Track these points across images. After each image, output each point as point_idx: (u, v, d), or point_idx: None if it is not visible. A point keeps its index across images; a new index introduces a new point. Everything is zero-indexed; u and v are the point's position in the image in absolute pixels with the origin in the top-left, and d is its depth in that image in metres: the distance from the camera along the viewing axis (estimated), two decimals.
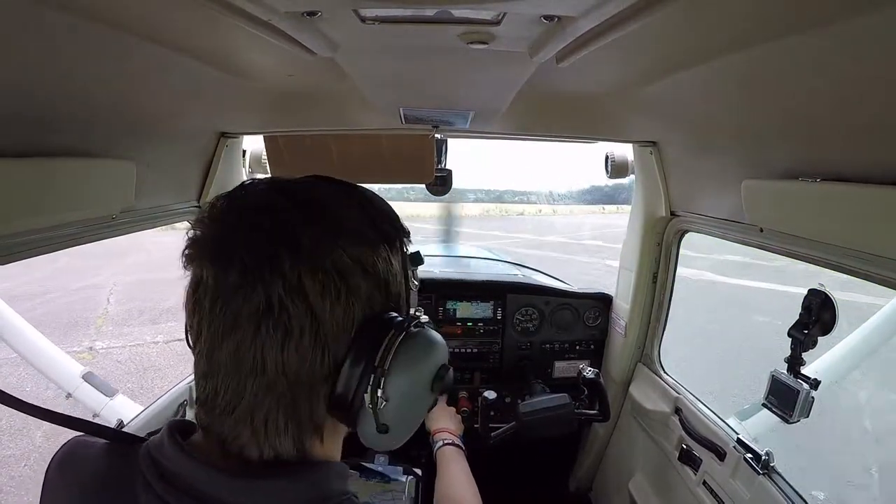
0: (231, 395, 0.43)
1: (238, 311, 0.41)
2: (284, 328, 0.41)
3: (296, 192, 0.46)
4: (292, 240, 0.42)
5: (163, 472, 0.43)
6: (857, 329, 2.25)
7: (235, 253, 0.41)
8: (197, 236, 0.45)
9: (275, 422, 0.43)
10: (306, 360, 0.42)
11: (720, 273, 8.61)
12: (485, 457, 1.37)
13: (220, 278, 0.41)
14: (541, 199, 23.68)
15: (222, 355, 0.42)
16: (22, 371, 4.06)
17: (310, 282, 0.41)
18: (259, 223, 0.42)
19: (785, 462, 1.10)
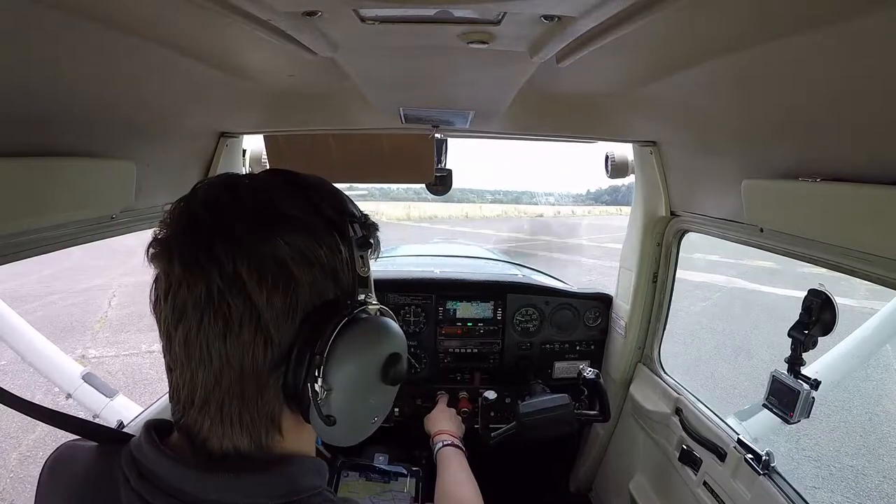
0: (188, 387, 0.44)
1: (184, 302, 0.42)
2: (225, 319, 0.42)
3: (239, 187, 0.46)
4: (228, 231, 0.42)
5: (141, 471, 0.44)
6: (857, 329, 2.25)
7: (176, 247, 0.43)
8: (154, 238, 0.46)
9: (229, 414, 0.44)
10: (248, 351, 0.43)
11: (752, 280, 8.37)
12: (485, 457, 1.37)
13: (167, 272, 0.43)
14: (560, 201, 23.64)
15: (175, 347, 0.44)
16: (30, 378, 4.04)
17: (246, 272, 0.41)
18: (200, 218, 0.44)
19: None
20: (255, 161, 1.65)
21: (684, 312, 6.79)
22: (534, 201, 23.71)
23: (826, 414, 4.24)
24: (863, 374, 4.69)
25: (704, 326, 6.41)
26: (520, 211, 22.38)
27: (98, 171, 0.89)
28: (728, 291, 7.87)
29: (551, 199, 23.95)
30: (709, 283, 8.22)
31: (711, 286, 8.09)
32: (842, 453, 3.81)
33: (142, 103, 0.93)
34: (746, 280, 8.35)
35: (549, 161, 32.38)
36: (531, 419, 1.41)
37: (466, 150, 7.80)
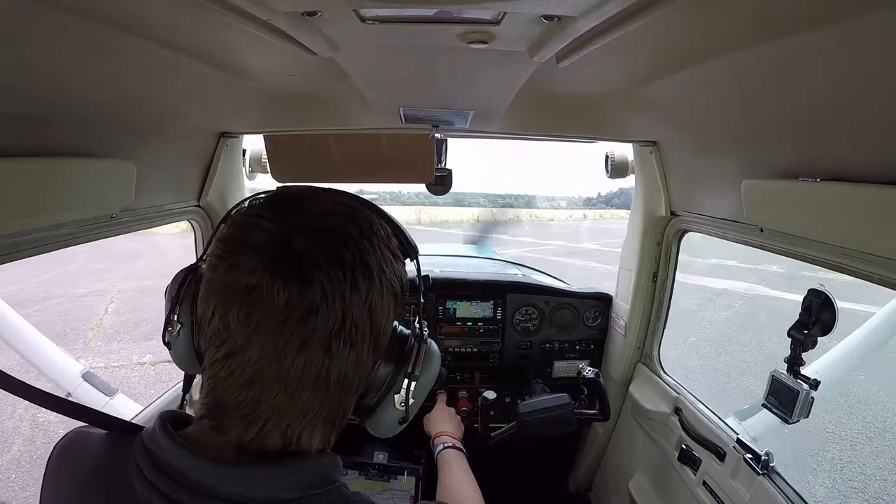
0: (280, 404, 0.45)
1: (312, 332, 0.43)
2: (352, 343, 0.45)
3: (352, 217, 0.49)
4: (366, 267, 0.46)
5: (156, 462, 0.44)
6: (857, 329, 2.25)
7: (316, 277, 0.43)
8: (246, 243, 0.44)
9: (314, 425, 0.47)
10: (360, 369, 0.48)
11: (773, 286, 8.08)
12: (485, 457, 1.37)
13: (294, 298, 0.42)
14: (571, 205, 23.57)
15: (281, 371, 0.44)
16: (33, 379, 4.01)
17: (377, 302, 0.47)
18: (334, 249, 0.45)
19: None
20: (255, 161, 1.65)
21: (708, 322, 6.54)
22: (544, 205, 23.64)
23: (868, 437, 3.97)
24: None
25: (731, 338, 6.03)
26: (532, 215, 22.32)
27: (98, 171, 0.89)
28: (751, 299, 7.52)
29: (562, 203, 23.88)
30: (730, 291, 7.96)
31: (732, 293, 7.83)
32: (890, 482, 3.53)
33: (142, 103, 0.93)
34: (768, 287, 8.06)
35: (558, 164, 32.42)
36: (531, 419, 1.41)
37: (476, 153, 7.56)
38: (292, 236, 0.44)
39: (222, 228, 0.48)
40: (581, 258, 11.01)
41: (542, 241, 14.46)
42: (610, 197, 20.68)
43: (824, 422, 4.13)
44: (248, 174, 1.66)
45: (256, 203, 0.48)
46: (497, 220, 12.49)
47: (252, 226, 0.45)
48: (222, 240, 0.46)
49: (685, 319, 6.55)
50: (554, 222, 20.90)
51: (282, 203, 0.48)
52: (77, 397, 2.34)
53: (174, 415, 0.49)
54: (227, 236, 0.46)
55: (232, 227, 0.47)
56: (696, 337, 6.04)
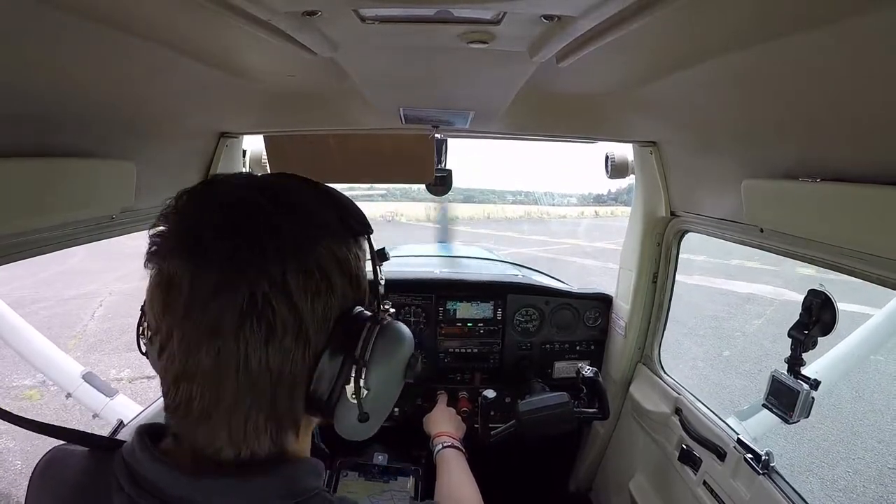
0: (209, 399, 0.42)
1: (221, 312, 0.40)
2: (269, 326, 0.41)
3: (269, 189, 0.45)
4: (275, 238, 0.42)
5: (135, 477, 0.44)
6: (857, 329, 2.25)
7: (215, 251, 0.40)
8: (165, 232, 0.43)
9: (254, 422, 0.43)
10: (289, 358, 0.43)
11: (801, 291, 7.39)
12: (485, 457, 1.37)
13: (198, 277, 0.40)
14: (582, 201, 23.42)
15: (201, 358, 0.41)
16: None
17: (294, 279, 0.42)
18: (237, 220, 0.42)
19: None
20: (255, 161, 1.65)
21: (740, 333, 6.12)
22: (556, 202, 23.47)
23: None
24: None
25: (769, 352, 5.49)
26: (542, 212, 22.21)
27: (98, 171, 0.89)
28: (781, 305, 7.05)
29: (573, 200, 23.70)
30: (757, 296, 7.60)
31: (761, 299, 7.45)
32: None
33: (142, 103, 0.93)
34: (795, 291, 7.48)
35: (566, 160, 32.34)
36: (530, 417, 1.41)
37: (486, 150, 7.44)
38: (203, 216, 0.42)
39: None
40: (598, 259, 10.71)
41: (554, 239, 14.24)
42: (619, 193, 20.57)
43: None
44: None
45: (186, 190, 0.46)
46: (448, 213, 12.19)
47: (174, 211, 0.44)
48: (152, 234, 0.44)
49: (716, 329, 6.23)
50: (566, 219, 20.69)
51: (204, 185, 0.46)
52: (77, 398, 2.34)
53: (152, 426, 0.48)
54: (156, 229, 0.44)
55: (160, 218, 0.45)
56: (731, 351, 5.66)
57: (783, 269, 8.55)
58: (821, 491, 3.42)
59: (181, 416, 0.44)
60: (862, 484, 3.49)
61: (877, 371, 4.91)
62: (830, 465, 3.67)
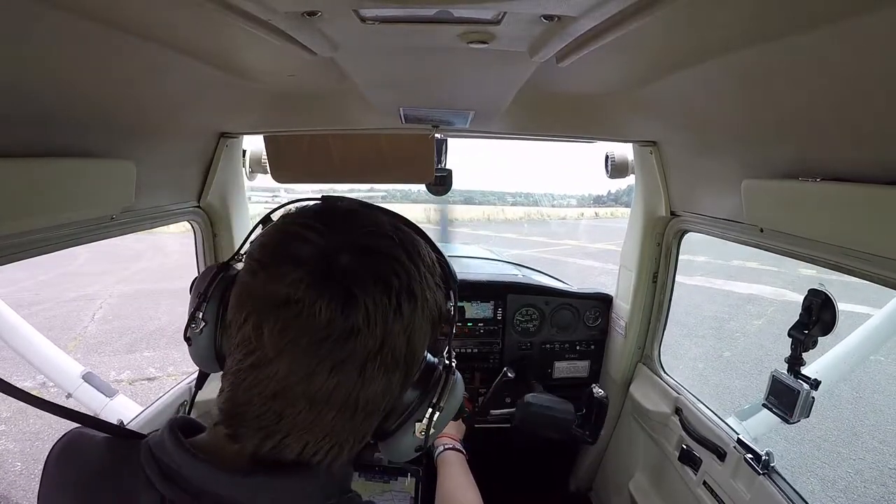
0: (304, 419, 0.43)
1: (349, 354, 0.42)
2: (386, 367, 0.44)
3: (404, 240, 0.47)
4: (411, 292, 0.45)
5: (164, 470, 0.44)
6: (857, 329, 2.25)
7: (362, 299, 0.41)
8: (288, 254, 0.43)
9: (333, 444, 0.45)
10: (388, 393, 0.47)
11: (801, 291, 7.31)
12: (485, 457, 1.37)
13: (337, 318, 0.41)
14: (582, 203, 23.41)
15: (310, 389, 0.42)
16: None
17: (417, 329, 0.46)
18: (381, 272, 0.43)
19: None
20: (255, 161, 1.65)
21: (741, 334, 6.12)
22: (553, 203, 23.47)
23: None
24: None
25: (770, 353, 5.49)
26: (542, 213, 22.21)
27: (98, 171, 0.89)
28: (781, 306, 7.02)
29: (572, 201, 23.71)
30: (757, 296, 7.60)
31: (761, 299, 7.45)
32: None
33: (142, 103, 0.93)
34: (796, 292, 7.45)
35: (566, 161, 32.39)
36: (533, 410, 1.40)
37: (485, 151, 7.40)
38: (340, 253, 0.42)
39: (265, 233, 0.47)
40: (598, 260, 10.70)
41: (554, 240, 14.21)
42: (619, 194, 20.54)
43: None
44: (248, 174, 1.66)
45: (304, 212, 0.46)
46: (447, 215, 12.35)
47: (299, 236, 0.43)
48: (265, 245, 0.45)
49: (716, 329, 6.23)
50: (566, 220, 20.71)
51: (332, 216, 0.46)
52: (77, 398, 2.33)
53: (184, 421, 0.49)
54: (270, 243, 0.45)
55: (276, 234, 0.45)
56: (732, 352, 5.67)
57: (784, 270, 8.51)
58: (821, 491, 3.41)
59: (254, 426, 0.43)
60: (862, 484, 3.49)
61: (877, 371, 4.92)
62: (831, 466, 3.67)
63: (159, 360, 4.99)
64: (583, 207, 23.00)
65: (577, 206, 23.25)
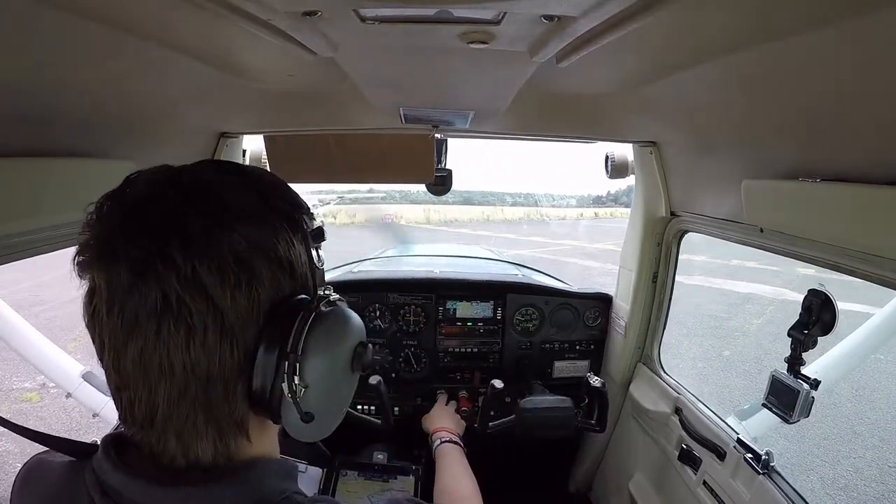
0: (145, 405, 0.41)
1: (135, 312, 0.38)
2: (187, 325, 0.39)
3: (181, 180, 0.43)
4: (181, 229, 0.39)
5: (104, 489, 0.43)
6: (857, 329, 2.25)
7: (121, 250, 0.38)
8: (85, 241, 0.41)
9: (194, 426, 0.41)
10: (215, 357, 0.40)
11: (802, 291, 7.28)
12: (485, 456, 1.37)
13: (110, 280, 0.39)
14: (581, 203, 23.44)
15: (127, 363, 0.40)
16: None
17: (206, 272, 0.39)
18: (143, 216, 0.40)
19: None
20: (255, 161, 1.65)
21: (740, 333, 6.13)
22: (555, 203, 23.49)
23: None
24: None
25: (769, 352, 5.50)
26: (541, 214, 22.22)
27: (97, 171, 0.89)
28: (781, 305, 7.02)
29: (571, 202, 23.75)
30: (756, 295, 7.60)
31: (761, 298, 7.46)
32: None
33: (142, 103, 0.93)
34: (796, 292, 7.25)
35: (565, 162, 32.37)
36: (531, 416, 1.40)
37: (484, 152, 7.33)
38: (116, 221, 0.41)
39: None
40: (598, 260, 10.67)
41: (554, 241, 14.18)
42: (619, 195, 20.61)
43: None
44: None
45: (106, 194, 0.44)
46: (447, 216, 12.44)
47: (88, 225, 0.42)
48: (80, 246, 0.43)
49: (716, 329, 6.25)
50: (566, 221, 20.71)
51: (116, 190, 0.44)
52: (77, 397, 2.34)
53: (120, 436, 0.46)
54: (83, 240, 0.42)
55: (84, 227, 0.43)
56: (731, 351, 5.68)
57: (783, 269, 8.51)
58: (821, 490, 3.42)
59: (129, 425, 0.43)
60: (863, 483, 3.49)
61: (877, 370, 4.92)
62: (831, 464, 3.67)
63: None
64: (582, 208, 23.04)
65: (576, 206, 23.30)
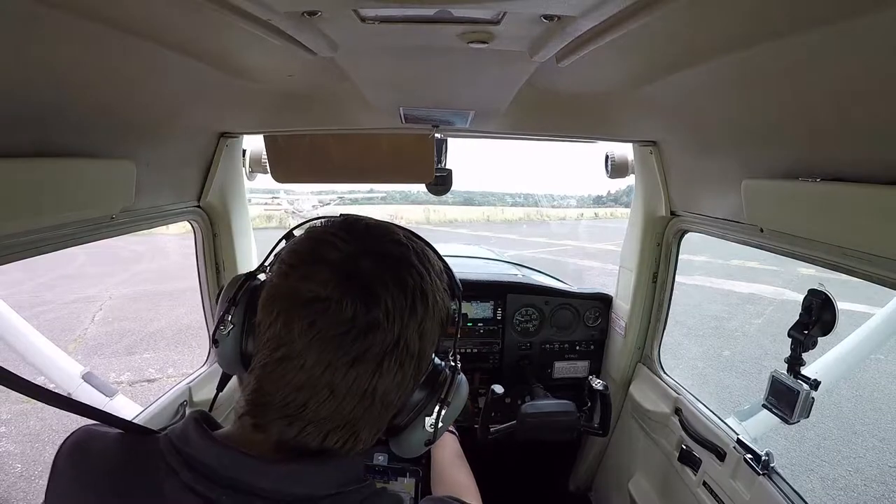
0: (326, 410, 0.47)
1: (369, 347, 0.46)
2: (400, 363, 0.48)
3: (415, 250, 0.53)
4: (424, 295, 0.50)
5: (190, 462, 0.46)
6: (857, 329, 2.25)
7: (382, 296, 0.47)
8: (318, 258, 0.48)
9: (352, 433, 0.49)
10: (402, 389, 0.51)
11: (802, 291, 7.18)
12: (485, 456, 1.37)
13: (360, 313, 0.45)
14: (581, 203, 23.48)
15: (334, 379, 0.46)
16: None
17: (428, 328, 0.50)
18: (400, 276, 0.49)
19: None
20: (255, 161, 1.65)
21: (741, 333, 6.18)
22: (555, 204, 23.56)
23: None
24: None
25: (769, 352, 5.55)
26: (542, 214, 22.26)
27: (98, 171, 0.89)
28: (780, 305, 7.10)
29: (572, 202, 23.83)
30: (757, 295, 7.66)
31: (761, 299, 7.53)
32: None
33: (142, 103, 0.93)
34: (796, 292, 7.49)
35: (565, 162, 32.35)
36: (533, 420, 1.40)
37: (485, 152, 7.35)
38: (363, 258, 0.48)
39: (295, 240, 0.52)
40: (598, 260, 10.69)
41: (554, 241, 14.19)
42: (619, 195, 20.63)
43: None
44: (248, 174, 1.66)
45: (330, 224, 0.52)
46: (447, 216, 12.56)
47: (326, 242, 0.49)
48: (295, 251, 0.50)
49: (716, 329, 6.26)
50: (566, 221, 20.73)
51: (355, 227, 0.52)
52: (77, 398, 2.33)
53: (205, 415, 0.52)
54: (300, 249, 0.50)
55: (306, 241, 0.50)
56: (731, 350, 5.74)
57: (783, 269, 8.53)
58: (822, 490, 3.42)
59: (285, 415, 0.47)
60: (863, 483, 3.49)
61: (877, 370, 4.93)
62: (832, 464, 3.67)
63: (159, 362, 4.99)
64: (582, 208, 23.06)
65: (576, 206, 23.33)
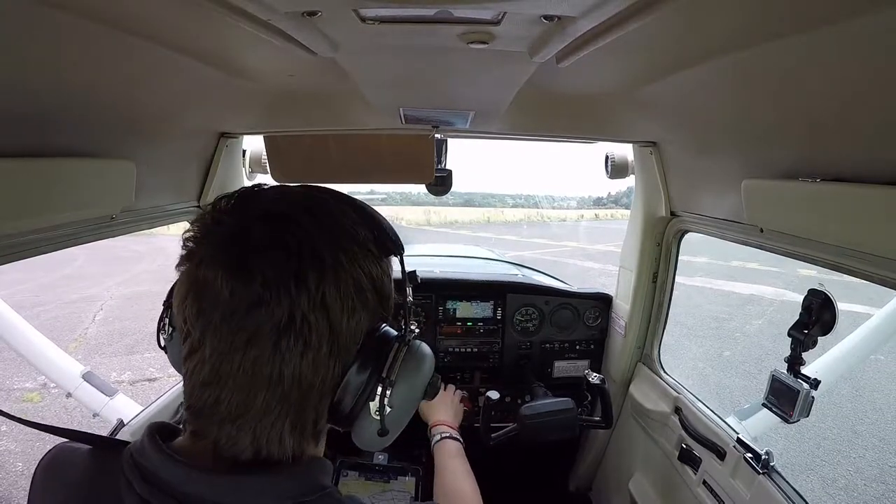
0: (237, 405, 0.43)
1: (258, 326, 0.41)
2: (304, 341, 0.42)
3: (309, 205, 0.46)
4: (316, 256, 0.43)
5: (145, 475, 0.44)
6: (857, 329, 2.25)
7: (257, 266, 0.41)
8: (201, 237, 0.44)
9: (279, 429, 0.45)
10: (320, 371, 0.44)
11: (802, 292, 7.20)
12: (485, 457, 1.37)
13: (237, 289, 0.41)
14: (582, 204, 23.55)
15: (233, 367, 0.42)
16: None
17: (332, 297, 0.43)
18: (280, 236, 0.43)
19: None
20: (255, 161, 1.65)
21: (741, 334, 6.17)
22: (555, 205, 23.60)
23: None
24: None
25: (769, 352, 5.53)
26: (542, 215, 22.27)
27: (98, 171, 0.89)
28: (780, 306, 7.10)
29: (573, 203, 23.87)
30: (757, 296, 7.64)
31: (761, 299, 7.51)
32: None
33: (142, 103, 0.93)
34: (796, 293, 7.44)
35: (566, 164, 32.37)
36: (533, 422, 1.40)
37: (485, 153, 7.31)
38: (245, 225, 0.43)
39: (193, 221, 0.47)
40: (598, 261, 10.69)
41: (555, 242, 14.17)
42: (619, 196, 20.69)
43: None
44: (248, 174, 1.66)
45: (221, 198, 0.47)
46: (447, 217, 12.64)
47: (215, 220, 0.45)
48: (191, 236, 0.45)
49: (716, 329, 6.26)
50: (566, 222, 20.75)
51: (244, 195, 0.47)
52: (77, 397, 2.34)
53: (162, 425, 0.48)
54: (193, 231, 0.45)
55: (200, 220, 0.46)
56: (731, 351, 5.71)
57: (783, 270, 8.53)
58: (822, 489, 3.42)
59: (205, 417, 0.44)
60: (863, 482, 3.49)
61: (877, 370, 4.93)
62: (832, 464, 3.67)
63: (160, 362, 4.98)
64: (583, 209, 23.12)
65: (576, 207, 23.38)
